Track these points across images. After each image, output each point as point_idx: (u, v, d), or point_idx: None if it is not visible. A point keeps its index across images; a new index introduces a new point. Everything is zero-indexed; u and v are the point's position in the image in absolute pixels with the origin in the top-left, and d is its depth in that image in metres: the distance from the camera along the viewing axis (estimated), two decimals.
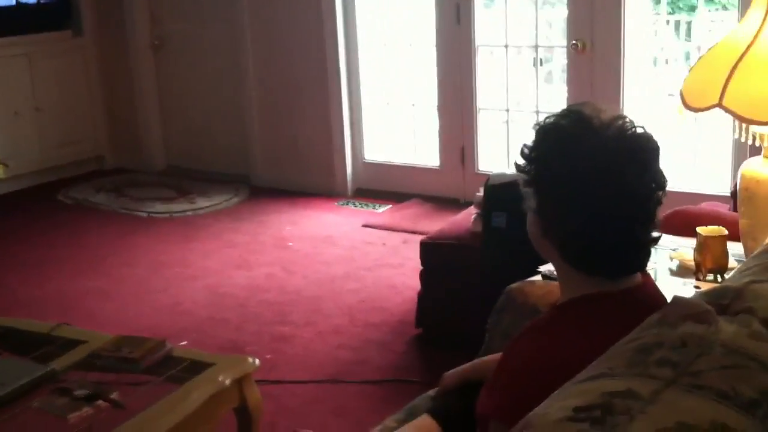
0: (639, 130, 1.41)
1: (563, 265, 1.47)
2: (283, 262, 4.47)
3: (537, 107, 5.07)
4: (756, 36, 2.15)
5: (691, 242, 2.46)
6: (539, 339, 1.48)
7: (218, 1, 5.89)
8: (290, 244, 4.74)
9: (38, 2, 6.06)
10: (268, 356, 3.35)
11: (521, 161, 1.47)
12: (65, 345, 2.41)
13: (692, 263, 2.42)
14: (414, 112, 5.65)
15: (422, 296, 3.47)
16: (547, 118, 1.47)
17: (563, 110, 1.47)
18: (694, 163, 5.16)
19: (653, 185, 1.40)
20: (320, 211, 5.33)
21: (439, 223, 3.87)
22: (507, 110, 5.22)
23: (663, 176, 1.43)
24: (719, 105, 2.12)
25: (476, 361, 1.92)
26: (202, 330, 3.67)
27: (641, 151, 1.40)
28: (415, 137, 5.66)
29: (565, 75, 5.01)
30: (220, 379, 2.23)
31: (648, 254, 1.44)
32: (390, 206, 5.30)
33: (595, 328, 1.41)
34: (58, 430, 1.98)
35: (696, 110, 2.20)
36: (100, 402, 2.09)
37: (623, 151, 1.38)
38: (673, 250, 2.55)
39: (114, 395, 2.12)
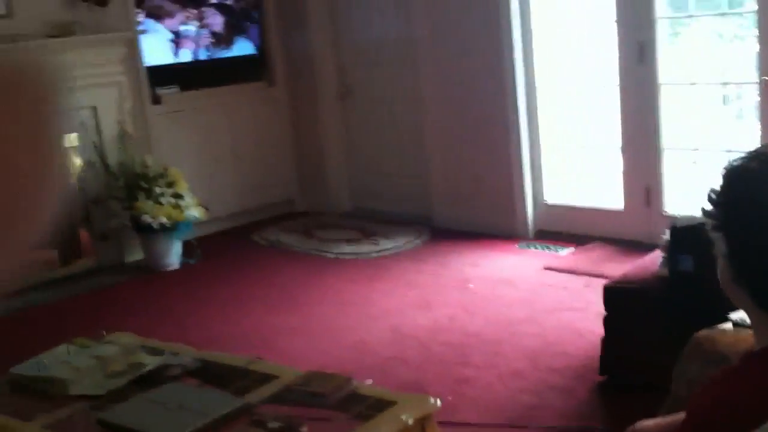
0: None
1: (755, 310, 1.43)
2: (464, 303, 4.51)
3: (727, 146, 4.87)
4: None
5: None
6: (730, 388, 1.44)
7: (397, 47, 6.09)
8: (471, 285, 4.78)
9: (243, 56, 6.50)
10: (449, 397, 3.39)
11: (709, 206, 1.46)
12: (259, 379, 2.55)
13: None
14: (596, 153, 5.57)
15: (606, 341, 3.41)
16: (734, 160, 1.45)
17: (751, 152, 1.45)
18: None
19: None
20: (501, 252, 5.34)
21: (622, 267, 3.80)
22: (695, 149, 5.05)
23: None
24: None
25: (670, 417, 1.88)
26: (385, 369, 3.76)
27: None
28: (598, 178, 5.58)
29: (756, 112, 4.80)
30: (404, 417, 2.29)
31: None
32: (572, 249, 5.24)
33: None
34: None
35: None
36: None
37: None
38: None
39: (304, 429, 2.22)
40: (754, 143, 4.71)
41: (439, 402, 2.41)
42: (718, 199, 1.44)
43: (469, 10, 5.56)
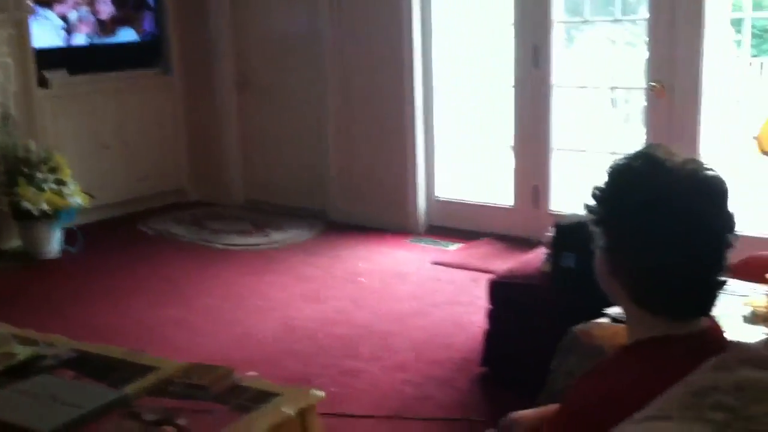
0: (711, 173, 1.41)
1: (631, 305, 1.46)
2: (354, 296, 4.51)
3: (613, 148, 5.03)
4: None
5: (765, 289, 2.41)
6: (602, 381, 1.48)
7: (301, 41, 6.04)
8: (362, 279, 4.79)
9: (129, 42, 6.31)
10: (334, 389, 3.38)
11: (592, 202, 1.49)
12: (138, 371, 2.48)
13: (765, 310, 2.37)
14: (488, 152, 5.67)
15: (489, 335, 3.47)
16: (619, 159, 1.49)
17: (635, 152, 1.48)
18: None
19: (725, 228, 1.40)
20: (393, 247, 5.37)
21: (509, 263, 3.87)
22: (583, 151, 5.19)
23: (733, 219, 1.42)
24: None
25: (544, 408, 1.91)
26: (272, 361, 3.73)
27: (714, 193, 1.40)
28: (489, 176, 5.67)
29: (642, 116, 4.97)
30: (284, 409, 2.26)
31: (715, 298, 1.43)
32: (462, 244, 5.31)
33: (659, 371, 1.39)
34: None
35: None
36: (168, 427, 2.14)
37: (697, 192, 1.38)
38: (746, 296, 2.50)
39: (182, 421, 2.17)
40: (638, 146, 4.87)
41: (322, 394, 2.39)
42: (601, 195, 1.47)
43: (373, 6, 5.57)
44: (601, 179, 1.49)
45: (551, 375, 2.18)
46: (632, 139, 5.35)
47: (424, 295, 4.50)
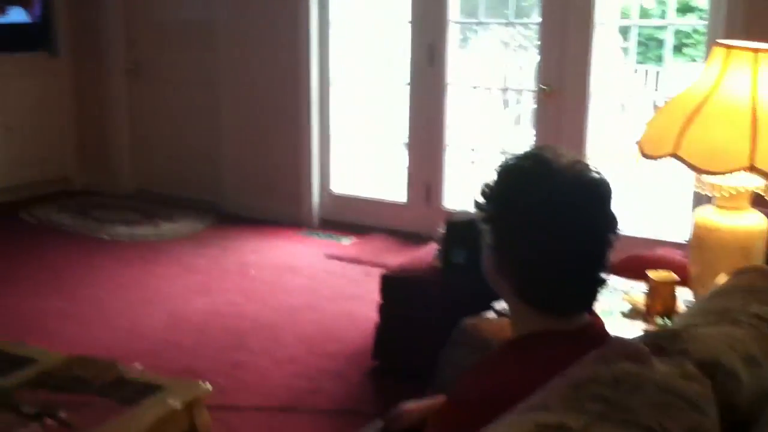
0: (596, 175, 1.46)
1: (514, 300, 1.50)
2: (244, 289, 4.47)
3: (504, 148, 5.14)
4: (712, 90, 2.22)
5: (644, 286, 2.51)
6: (485, 375, 1.51)
7: (194, 28, 5.93)
8: (252, 272, 4.74)
9: (19, 23, 6.06)
10: (222, 382, 3.34)
11: (481, 200, 1.51)
12: (17, 363, 2.39)
13: (643, 306, 2.47)
14: (383, 148, 5.71)
15: (380, 328, 3.49)
16: (509, 158, 1.52)
17: (524, 152, 1.52)
18: (655, 209, 5.25)
19: (606, 227, 1.45)
20: (285, 240, 5.34)
21: (402, 258, 3.90)
22: (473, 149, 5.28)
23: (615, 220, 1.47)
24: (674, 154, 2.18)
25: (431, 399, 1.94)
26: (158, 353, 3.65)
27: (598, 194, 1.45)
28: (383, 172, 5.71)
29: (532, 118, 5.10)
30: (171, 402, 2.22)
31: (596, 294, 1.48)
32: (355, 238, 5.33)
33: (541, 365, 1.43)
34: None
35: (652, 158, 2.26)
36: (48, 420, 2.08)
37: (581, 191, 1.42)
38: (626, 293, 2.60)
39: (62, 414, 2.11)
40: (528, 146, 5.00)
41: (209, 386, 2.36)
42: (490, 194, 1.50)
43: None
44: (491, 178, 1.52)
45: (440, 367, 2.21)
46: (522, 140, 5.49)
47: (317, 288, 4.49)
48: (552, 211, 1.40)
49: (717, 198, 2.34)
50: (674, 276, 2.40)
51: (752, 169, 2.07)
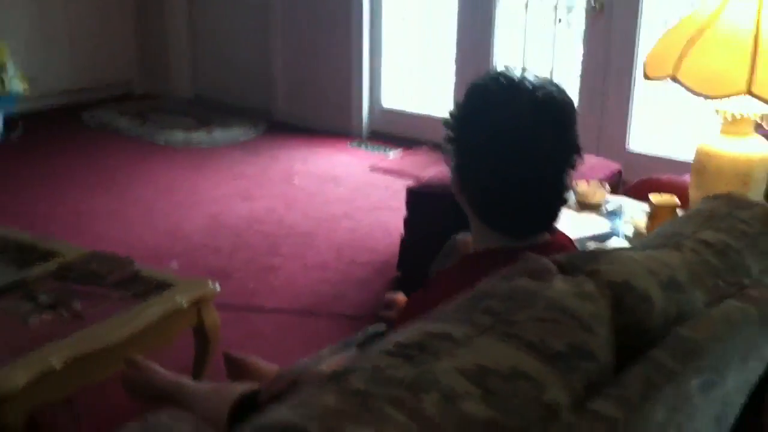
0: (560, 97, 1.48)
1: (474, 219, 1.56)
2: (286, 197, 4.59)
3: (552, 65, 5.08)
4: (716, 13, 2.18)
5: (647, 208, 2.53)
6: (434, 285, 1.59)
7: None
8: (296, 181, 4.86)
9: None
10: (252, 285, 3.50)
11: (449, 119, 1.55)
12: (41, 256, 2.56)
13: (644, 229, 2.49)
14: (433, 63, 5.68)
15: (404, 241, 3.58)
16: (477, 79, 1.55)
17: (494, 72, 1.54)
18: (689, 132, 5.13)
19: (568, 149, 1.48)
20: (332, 150, 5.43)
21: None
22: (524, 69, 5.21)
23: (575, 144, 1.49)
24: (672, 77, 2.16)
25: None
26: (196, 255, 3.82)
27: (557, 118, 1.47)
28: (432, 87, 5.70)
29: (583, 36, 4.99)
30: (178, 299, 2.36)
31: (554, 215, 1.52)
32: (401, 152, 5.38)
33: (483, 278, 1.50)
34: (18, 332, 2.13)
35: (652, 79, 2.24)
36: (61, 310, 2.24)
37: (542, 114, 1.44)
38: (631, 216, 2.61)
39: (76, 305, 2.27)
40: (576, 64, 4.93)
41: (217, 287, 2.49)
42: (456, 114, 1.54)
43: None
44: (460, 98, 1.56)
45: (429, 276, 2.29)
46: (573, 58, 5.38)
47: (356, 199, 4.59)
48: (511, 132, 1.43)
49: (722, 123, 2.32)
50: (675, 200, 2.41)
51: (750, 93, 2.05)
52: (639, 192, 2.76)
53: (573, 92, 4.64)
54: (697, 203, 2.37)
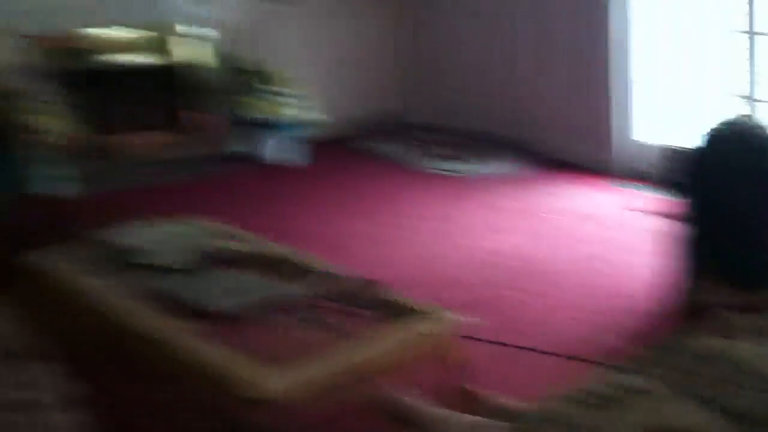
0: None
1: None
2: (535, 232, 4.63)
3: None
4: None
5: None
6: None
7: None
8: (543, 214, 4.90)
9: None
10: (489, 319, 3.54)
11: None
12: (309, 274, 2.81)
13: None
14: (707, 97, 5.41)
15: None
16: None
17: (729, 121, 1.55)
18: None
19: None
20: (587, 187, 5.40)
21: None
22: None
23: None
24: None
25: None
26: (440, 285, 3.90)
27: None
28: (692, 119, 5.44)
29: None
30: (426, 325, 2.50)
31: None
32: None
33: None
34: (284, 343, 2.36)
35: None
36: (322, 326, 2.46)
37: (741, 166, 1.45)
38: None
39: (334, 323, 2.47)
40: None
41: (459, 319, 2.59)
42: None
43: None
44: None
45: None
46: None
47: (608, 239, 4.52)
48: (733, 180, 1.44)
49: None
50: None
51: None
52: None
53: None
54: None
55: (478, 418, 1.91)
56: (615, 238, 4.54)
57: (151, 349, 2.45)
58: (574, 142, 5.82)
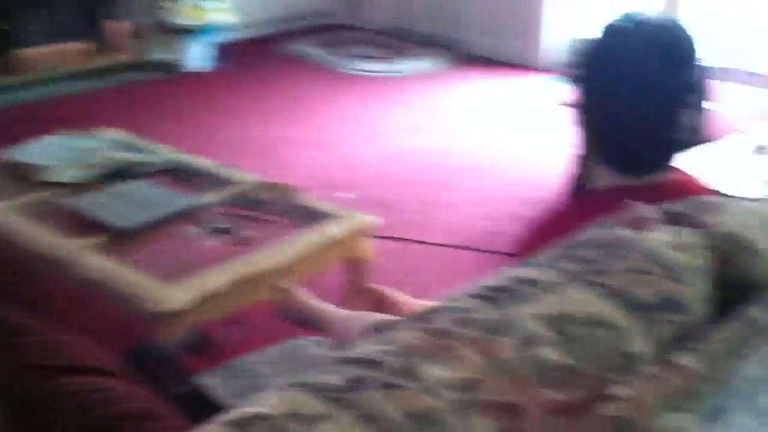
0: (678, 33, 1.46)
1: (597, 158, 1.57)
2: (461, 129, 4.61)
3: None
4: None
5: None
6: (546, 224, 1.61)
7: None
8: (468, 114, 4.87)
9: None
10: (415, 217, 3.57)
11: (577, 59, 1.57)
12: (220, 183, 2.76)
13: None
14: None
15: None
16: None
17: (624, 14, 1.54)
18: None
19: (681, 87, 1.45)
20: (515, 81, 5.36)
21: None
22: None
23: (696, 81, 1.46)
24: None
25: None
26: (369, 185, 3.93)
27: (671, 52, 1.44)
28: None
29: None
30: (334, 229, 2.48)
31: (667, 157, 1.49)
32: None
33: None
34: (185, 255, 2.33)
35: None
36: (229, 235, 2.42)
37: (655, 50, 1.44)
38: None
39: (242, 231, 2.44)
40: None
41: (374, 220, 2.58)
42: (585, 53, 1.55)
43: None
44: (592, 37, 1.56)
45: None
46: None
47: (528, 133, 4.55)
48: (619, 69, 1.45)
49: None
50: None
51: None
52: None
53: None
54: None
55: (382, 315, 1.92)
56: (536, 131, 4.56)
57: (56, 269, 2.38)
58: (501, 37, 5.75)
